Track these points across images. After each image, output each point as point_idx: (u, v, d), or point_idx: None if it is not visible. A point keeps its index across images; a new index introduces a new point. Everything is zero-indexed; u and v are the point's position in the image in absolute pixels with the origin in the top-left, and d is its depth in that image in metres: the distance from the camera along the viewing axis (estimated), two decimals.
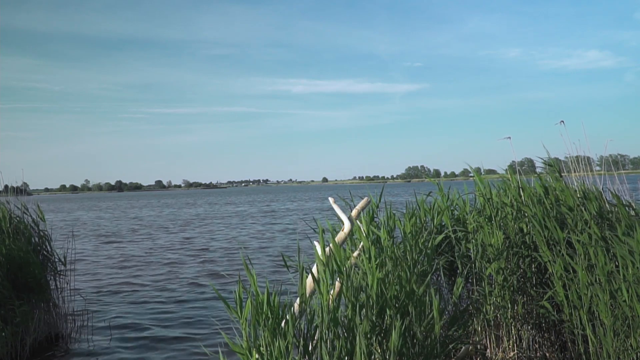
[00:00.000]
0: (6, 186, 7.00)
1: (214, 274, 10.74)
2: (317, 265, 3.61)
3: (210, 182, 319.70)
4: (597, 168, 4.61)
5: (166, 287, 9.46)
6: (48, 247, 6.43)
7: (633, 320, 3.37)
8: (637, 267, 3.36)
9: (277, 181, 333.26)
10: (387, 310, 3.27)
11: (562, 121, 4.43)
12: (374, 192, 4.86)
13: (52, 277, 6.35)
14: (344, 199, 4.91)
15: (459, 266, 4.55)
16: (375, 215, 4.48)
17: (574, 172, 4.47)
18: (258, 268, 10.99)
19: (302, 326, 3.19)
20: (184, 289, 9.29)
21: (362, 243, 4.00)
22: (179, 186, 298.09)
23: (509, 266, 4.33)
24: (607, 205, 4.08)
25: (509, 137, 4.87)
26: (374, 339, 3.20)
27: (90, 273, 11.34)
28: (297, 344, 3.11)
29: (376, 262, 3.42)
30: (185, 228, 23.36)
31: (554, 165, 4.50)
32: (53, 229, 6.77)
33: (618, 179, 4.21)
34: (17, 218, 6.29)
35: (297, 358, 3.08)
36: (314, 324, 3.15)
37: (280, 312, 3.06)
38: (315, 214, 28.75)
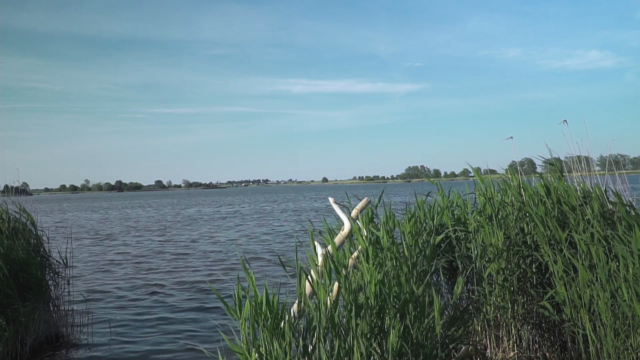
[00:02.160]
0: (6, 186, 7.00)
1: (212, 274, 10.74)
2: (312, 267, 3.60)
3: (210, 182, 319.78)
4: (597, 168, 4.60)
5: (165, 288, 9.46)
6: (46, 248, 6.43)
7: (633, 320, 3.37)
8: (637, 267, 3.36)
9: (277, 181, 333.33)
10: (387, 310, 3.27)
11: (565, 120, 4.42)
12: (373, 192, 4.85)
13: (51, 278, 6.35)
14: (343, 203, 4.90)
15: (459, 266, 4.55)
16: (374, 216, 4.48)
17: (575, 172, 4.46)
18: (256, 269, 10.99)
19: (301, 327, 3.18)
20: (182, 289, 9.29)
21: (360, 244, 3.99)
22: (179, 186, 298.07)
23: (510, 266, 4.33)
24: (608, 204, 4.07)
25: (511, 137, 4.86)
26: (373, 339, 3.20)
27: (88, 274, 11.34)
28: (296, 344, 3.11)
29: (374, 263, 3.41)
30: (182, 228, 23.37)
31: (556, 165, 4.49)
32: (46, 230, 6.76)
33: (619, 179, 4.20)
34: (15, 219, 6.29)
35: (296, 358, 3.07)
36: (313, 325, 3.14)
37: (280, 313, 3.05)
38: (314, 215, 28.77)
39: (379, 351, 3.19)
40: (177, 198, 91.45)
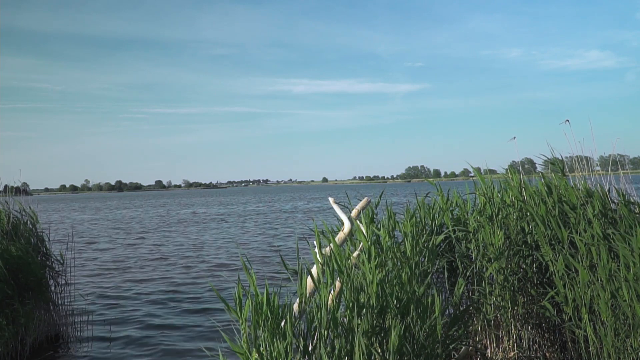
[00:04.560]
0: (6, 186, 7.00)
1: (212, 274, 10.73)
2: (315, 266, 3.60)
3: (210, 182, 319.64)
4: (597, 168, 4.60)
5: (165, 288, 9.46)
6: (46, 248, 6.42)
7: (633, 320, 3.37)
8: (638, 266, 3.36)
9: (277, 181, 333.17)
10: (388, 310, 3.27)
11: (568, 120, 4.41)
12: (373, 192, 4.86)
13: (51, 277, 6.35)
14: (342, 203, 4.90)
15: (459, 266, 4.55)
16: (375, 215, 4.48)
17: (577, 171, 4.46)
18: (256, 269, 10.99)
19: (301, 326, 3.18)
20: (183, 290, 9.29)
21: (361, 243, 4.00)
22: (179, 186, 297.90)
23: (510, 266, 4.33)
24: (610, 203, 4.07)
25: (514, 138, 4.86)
26: (374, 339, 3.20)
27: (87, 274, 11.34)
28: (296, 344, 3.11)
29: (376, 262, 3.41)
30: (180, 228, 23.36)
31: (557, 164, 4.49)
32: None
33: (619, 179, 4.20)
34: (16, 218, 6.29)
35: (296, 358, 3.07)
36: (314, 324, 3.14)
37: (280, 313, 3.05)
38: (315, 215, 28.75)
39: (379, 351, 3.19)
40: (175, 198, 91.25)
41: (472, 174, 5.19)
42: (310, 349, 3.10)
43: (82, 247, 16.37)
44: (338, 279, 3.43)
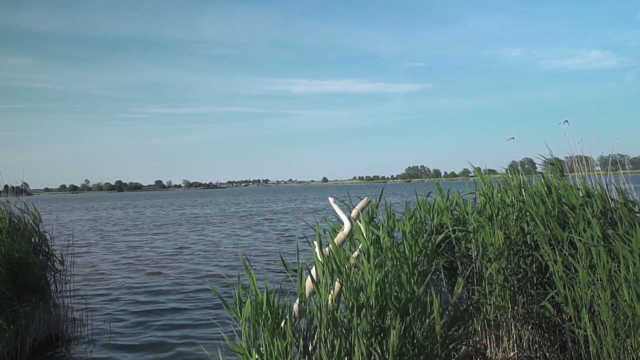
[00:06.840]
0: (6, 186, 7.00)
1: (212, 274, 10.74)
2: (315, 266, 3.60)
3: (210, 182, 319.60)
4: (597, 168, 4.60)
5: (166, 289, 9.46)
6: (48, 248, 6.42)
7: (633, 320, 3.37)
8: (638, 267, 3.36)
9: (277, 181, 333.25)
10: (388, 310, 3.27)
11: (567, 121, 4.41)
12: (373, 192, 4.85)
13: (52, 277, 6.35)
14: (344, 202, 4.90)
15: (459, 266, 4.55)
16: (375, 216, 4.48)
17: (577, 171, 4.46)
18: (256, 269, 10.99)
19: (301, 326, 3.19)
20: (182, 290, 9.29)
21: (361, 243, 4.00)
22: (179, 186, 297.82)
23: (510, 266, 4.33)
24: (610, 203, 4.07)
25: (513, 138, 4.86)
26: (374, 339, 3.20)
27: (87, 274, 11.34)
28: (296, 344, 3.11)
29: (375, 263, 3.41)
30: (179, 229, 23.37)
31: (556, 165, 4.49)
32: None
33: (618, 179, 4.20)
34: (17, 218, 6.29)
35: (296, 358, 3.07)
36: (314, 324, 3.14)
37: (280, 312, 3.05)
38: (314, 215, 28.76)
39: (379, 351, 3.19)
40: (175, 198, 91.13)
41: (472, 174, 5.19)
42: (310, 349, 3.10)
43: (80, 247, 16.37)
44: (338, 279, 3.43)
